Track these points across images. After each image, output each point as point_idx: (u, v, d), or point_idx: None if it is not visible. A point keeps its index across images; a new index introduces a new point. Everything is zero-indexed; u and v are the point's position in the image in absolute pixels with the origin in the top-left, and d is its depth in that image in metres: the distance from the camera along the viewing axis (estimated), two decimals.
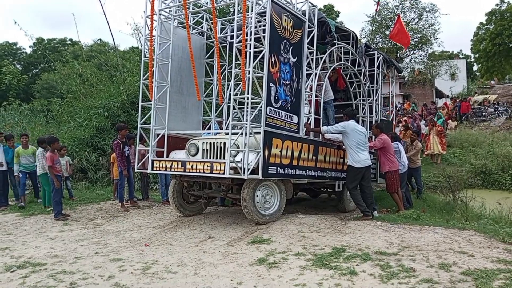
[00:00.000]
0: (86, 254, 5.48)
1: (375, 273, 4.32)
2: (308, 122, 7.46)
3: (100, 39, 35.64)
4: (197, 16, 8.31)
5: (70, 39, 42.68)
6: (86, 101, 14.83)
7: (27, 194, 9.86)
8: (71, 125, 13.93)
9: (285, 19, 6.75)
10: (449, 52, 42.22)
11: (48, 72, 33.08)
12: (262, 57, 6.35)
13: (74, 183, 11.29)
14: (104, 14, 18.63)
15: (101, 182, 12.01)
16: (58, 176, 8.00)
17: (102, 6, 21.30)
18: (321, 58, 8.06)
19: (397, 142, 9.21)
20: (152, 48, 7.31)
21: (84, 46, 33.62)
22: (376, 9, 15.88)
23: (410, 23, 23.82)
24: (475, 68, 48.50)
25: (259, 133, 6.25)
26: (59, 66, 22.84)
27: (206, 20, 8.36)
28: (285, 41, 6.78)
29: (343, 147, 7.86)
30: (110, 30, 31.36)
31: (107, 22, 26.91)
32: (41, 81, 33.13)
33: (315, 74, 7.61)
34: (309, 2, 7.39)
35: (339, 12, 31.21)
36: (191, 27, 7.92)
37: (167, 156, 7.32)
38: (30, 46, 43.68)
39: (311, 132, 7.49)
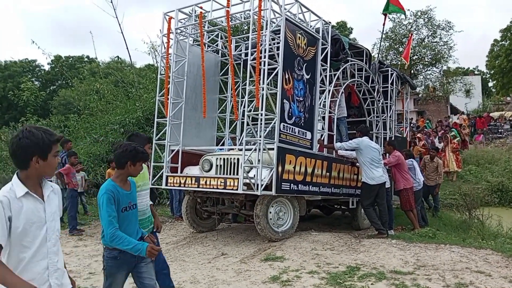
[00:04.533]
0: (100, 269, 5.49)
1: None
2: (322, 139, 7.46)
3: (118, 57, 36.32)
4: (212, 34, 8.45)
5: (87, 56, 43.65)
6: (103, 117, 15.06)
7: None
8: (87, 141, 14.13)
9: (299, 37, 6.82)
10: (464, 68, 41.97)
11: (65, 89, 33.69)
12: (276, 74, 6.41)
13: (88, 198, 11.40)
14: (122, 32, 19.06)
15: None
16: (74, 191, 8.11)
17: (119, 25, 21.71)
18: (335, 74, 8.10)
19: (411, 159, 9.12)
20: (168, 65, 7.44)
21: (101, 64, 34.33)
22: (384, 23, 15.89)
23: (425, 40, 23.79)
24: (490, 84, 48.05)
25: (272, 149, 6.27)
26: (76, 83, 23.31)
27: (221, 38, 8.49)
28: (298, 58, 6.84)
29: (357, 164, 7.82)
30: (127, 48, 32.02)
31: (124, 40, 27.33)
32: (58, 97, 33.79)
33: (329, 90, 7.64)
34: (323, 20, 7.47)
35: (352, 29, 31.36)
36: (206, 45, 8.06)
37: (181, 172, 7.37)
38: (48, 63, 44.77)
39: (324, 149, 7.48)
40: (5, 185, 2.04)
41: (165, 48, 7.62)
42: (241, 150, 6.82)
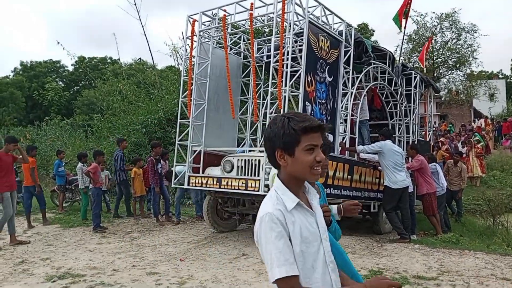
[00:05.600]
0: (124, 266, 5.61)
1: None
2: (344, 141, 7.42)
3: (140, 58, 36.86)
4: (234, 37, 8.52)
5: (110, 58, 44.36)
6: (125, 117, 15.31)
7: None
8: (110, 141, 14.40)
9: (322, 39, 6.82)
10: (488, 72, 41.10)
11: (88, 89, 34.38)
12: (299, 77, 6.42)
13: (111, 197, 11.62)
14: (145, 34, 19.27)
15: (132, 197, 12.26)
16: (99, 189, 8.30)
17: (142, 27, 22.09)
18: (357, 77, 8.06)
19: (435, 164, 9.00)
20: (191, 67, 7.54)
21: (123, 65, 34.90)
22: (405, 26, 15.75)
23: (449, 43, 23.39)
24: None
25: None
26: (100, 84, 23.77)
27: (243, 40, 8.55)
28: (321, 60, 6.84)
29: (379, 167, 7.76)
30: (150, 49, 32.45)
31: (147, 41, 27.88)
32: (82, 97, 34.47)
33: (351, 93, 7.60)
34: (346, 23, 7.45)
35: (373, 31, 31.00)
36: (228, 47, 8.13)
37: (203, 173, 7.44)
38: (72, 64, 45.70)
39: (346, 151, 7.44)
40: (269, 192, 1.62)
41: (188, 50, 7.73)
42: (262, 151, 6.85)
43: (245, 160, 6.93)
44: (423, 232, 8.44)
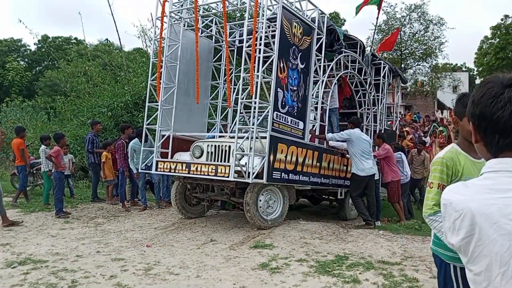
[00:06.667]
0: (88, 252, 5.46)
1: (378, 282, 4.31)
2: (314, 129, 7.47)
3: (107, 39, 35.68)
4: (206, 20, 8.34)
5: (75, 38, 42.79)
6: (90, 99, 14.84)
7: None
8: (74, 124, 13.93)
9: (295, 26, 6.78)
10: (452, 64, 42.37)
11: (51, 70, 33.06)
12: (271, 63, 6.37)
13: (75, 181, 11.28)
14: (112, 14, 18.59)
15: (102, 182, 11.99)
16: (61, 173, 8.02)
17: (110, 6, 21.30)
18: (328, 65, 8.09)
19: (400, 152, 9.21)
20: (161, 49, 7.34)
21: (89, 46, 33.71)
22: (377, 17, 15.93)
23: (416, 35, 23.90)
24: (477, 81, 48.65)
25: (265, 137, 6.26)
26: (63, 64, 22.88)
27: (216, 23, 8.39)
28: (294, 47, 6.80)
29: (347, 155, 7.87)
30: (117, 30, 31.30)
31: (114, 22, 26.90)
32: (44, 78, 33.16)
33: (322, 81, 7.63)
34: (319, 10, 7.43)
35: (344, 20, 31.28)
36: (199, 30, 7.96)
37: (171, 158, 7.32)
38: (35, 44, 43.82)
39: (316, 139, 7.50)
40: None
41: (158, 31, 7.50)
42: (232, 137, 6.80)
43: (215, 145, 6.86)
44: (387, 219, 8.66)
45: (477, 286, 1.14)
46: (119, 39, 27.32)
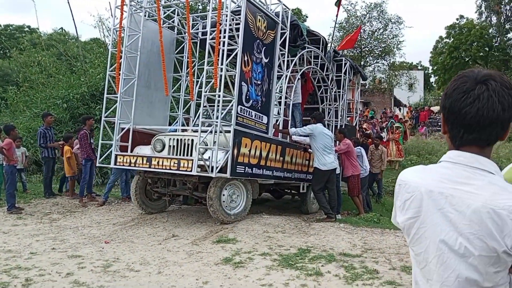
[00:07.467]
0: (42, 249, 5.23)
1: (340, 274, 4.38)
2: (277, 123, 7.48)
3: (62, 28, 34.22)
4: (168, 10, 8.14)
5: (28, 26, 40.73)
6: (44, 90, 14.19)
7: None
8: (26, 115, 13.29)
9: (259, 19, 6.74)
10: (409, 63, 43.80)
11: (3, 59, 31.40)
12: (235, 56, 6.31)
13: (28, 176, 10.78)
14: (68, 2, 17.89)
15: (56, 176, 11.51)
16: (13, 167, 7.62)
17: None
18: (292, 60, 8.11)
19: (359, 147, 9.42)
20: (121, 39, 7.09)
21: (42, 35, 32.20)
22: (337, 14, 16.23)
23: (376, 33, 24.48)
24: (432, 79, 50.64)
25: (228, 131, 6.20)
26: (15, 53, 21.76)
27: (178, 14, 8.20)
28: (258, 41, 6.77)
29: (309, 149, 7.95)
30: (73, 19, 29.96)
31: (71, 10, 25.77)
32: None
33: (286, 76, 7.65)
34: (283, 4, 7.42)
35: (306, 17, 31.47)
36: (162, 20, 7.74)
37: (131, 152, 7.11)
38: None
39: (279, 133, 7.51)
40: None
41: (117, 21, 7.24)
42: (195, 131, 6.69)
43: (177, 139, 6.72)
44: (346, 212, 8.85)
45: (417, 265, 1.23)
46: (76, 28, 26.46)
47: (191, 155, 6.38)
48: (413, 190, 1.21)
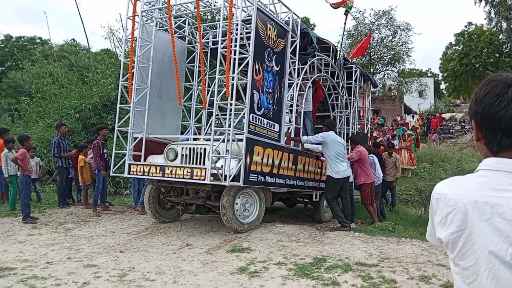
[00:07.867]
0: (58, 259, 5.24)
1: (358, 284, 4.32)
2: (289, 131, 7.47)
3: (74, 39, 34.72)
4: (179, 20, 8.22)
5: (40, 38, 41.42)
6: (57, 101, 14.37)
7: None
8: (39, 126, 13.44)
9: (270, 28, 6.76)
10: (418, 70, 43.60)
11: (15, 71, 31.92)
12: (246, 64, 6.32)
13: (42, 185, 10.86)
14: (79, 13, 18.17)
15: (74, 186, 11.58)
16: (28, 177, 7.69)
17: (77, 5, 20.80)
18: (302, 68, 8.12)
19: (372, 155, 9.35)
20: (132, 49, 7.16)
21: (54, 46, 32.72)
22: (345, 22, 16.24)
23: (385, 40, 24.44)
24: (442, 86, 50.25)
25: (241, 140, 6.20)
26: (28, 65, 22.10)
27: (188, 24, 8.27)
28: (269, 49, 6.79)
29: (322, 157, 7.91)
30: (85, 30, 30.55)
31: (82, 22, 26.21)
32: (8, 79, 31.96)
33: (297, 84, 7.65)
34: (293, 13, 7.45)
35: (314, 25, 31.59)
36: (173, 30, 7.81)
37: (144, 161, 7.14)
38: None
39: (291, 141, 7.49)
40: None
41: (128, 31, 7.31)
42: (207, 140, 6.70)
43: (190, 148, 6.73)
44: (360, 221, 8.76)
45: (464, 280, 1.16)
46: (87, 39, 26.78)
47: (203, 164, 6.38)
48: (455, 202, 1.16)
